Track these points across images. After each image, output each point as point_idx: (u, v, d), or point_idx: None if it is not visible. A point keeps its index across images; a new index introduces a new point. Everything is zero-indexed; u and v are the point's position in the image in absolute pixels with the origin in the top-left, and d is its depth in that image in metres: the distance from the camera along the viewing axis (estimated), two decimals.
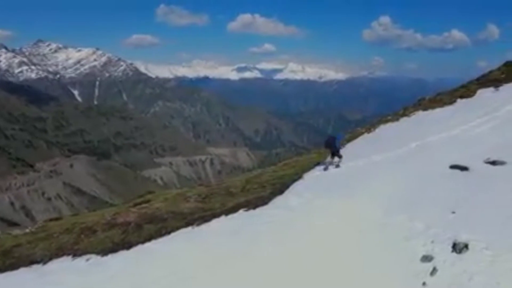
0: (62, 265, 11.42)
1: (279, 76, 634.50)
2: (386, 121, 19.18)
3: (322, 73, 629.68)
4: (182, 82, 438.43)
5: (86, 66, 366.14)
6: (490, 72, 20.43)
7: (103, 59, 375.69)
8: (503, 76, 18.70)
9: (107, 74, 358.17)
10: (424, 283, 5.57)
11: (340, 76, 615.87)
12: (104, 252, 11.35)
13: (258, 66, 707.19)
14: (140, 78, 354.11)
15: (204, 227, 11.03)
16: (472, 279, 5.26)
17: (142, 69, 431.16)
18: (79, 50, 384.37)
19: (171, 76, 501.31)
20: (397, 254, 6.60)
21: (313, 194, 11.00)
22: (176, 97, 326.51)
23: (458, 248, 6.12)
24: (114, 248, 11.43)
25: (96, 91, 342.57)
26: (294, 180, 13.21)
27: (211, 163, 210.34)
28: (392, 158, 12.70)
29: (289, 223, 9.23)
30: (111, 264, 10.12)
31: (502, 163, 9.41)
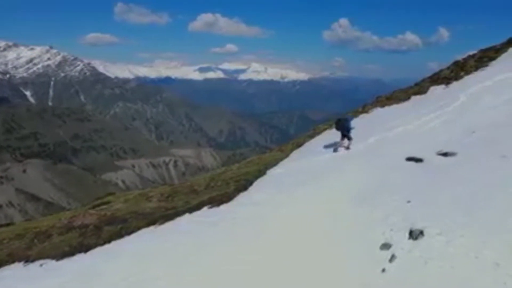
0: (13, 272, 10.70)
1: (242, 77, 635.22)
2: None
3: (284, 74, 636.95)
4: (143, 82, 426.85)
5: (39, 66, 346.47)
6: (441, 70, 21.54)
7: (58, 58, 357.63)
8: (452, 74, 19.77)
9: (62, 74, 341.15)
10: (383, 270, 5.73)
11: (303, 76, 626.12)
12: (59, 256, 10.77)
13: (221, 66, 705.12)
14: (98, 78, 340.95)
15: (167, 226, 10.77)
16: (427, 264, 5.48)
17: (101, 69, 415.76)
18: (32, 49, 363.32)
19: (131, 76, 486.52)
20: (359, 243, 6.76)
21: (277, 189, 11.10)
22: (137, 98, 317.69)
23: (414, 235, 6.36)
24: (71, 251, 10.87)
25: (51, 91, 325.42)
26: (257, 177, 13.26)
27: (175, 164, 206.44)
28: (353, 153, 13.11)
29: (253, 219, 9.21)
30: (67, 269, 9.60)
31: (453, 154, 9.95)
